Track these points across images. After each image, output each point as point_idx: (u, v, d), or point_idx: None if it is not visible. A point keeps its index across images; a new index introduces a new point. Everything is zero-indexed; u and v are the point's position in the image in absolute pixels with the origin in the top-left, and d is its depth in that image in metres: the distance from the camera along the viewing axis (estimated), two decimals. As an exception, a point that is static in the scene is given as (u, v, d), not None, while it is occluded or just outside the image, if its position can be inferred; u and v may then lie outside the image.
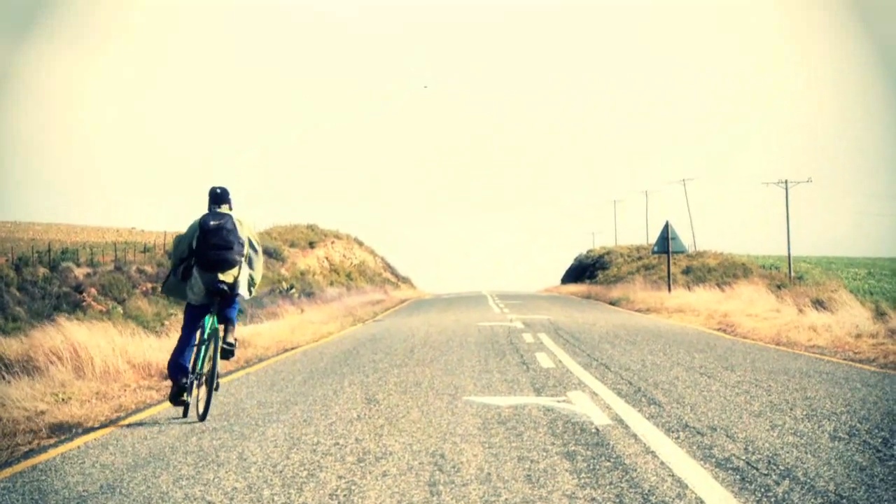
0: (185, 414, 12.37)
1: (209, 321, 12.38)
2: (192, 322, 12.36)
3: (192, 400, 12.24)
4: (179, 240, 12.46)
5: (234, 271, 12.26)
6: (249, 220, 12.79)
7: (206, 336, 12.37)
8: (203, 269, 12.15)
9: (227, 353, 12.34)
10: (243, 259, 12.34)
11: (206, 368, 12.34)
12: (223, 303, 12.40)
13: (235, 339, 12.55)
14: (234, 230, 12.23)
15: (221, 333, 12.46)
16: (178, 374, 12.07)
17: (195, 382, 12.22)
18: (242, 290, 12.41)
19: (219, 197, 12.54)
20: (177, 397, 12.16)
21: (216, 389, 12.39)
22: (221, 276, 12.17)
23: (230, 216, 12.35)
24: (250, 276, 12.58)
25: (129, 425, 12.04)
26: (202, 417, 12.12)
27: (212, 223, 12.18)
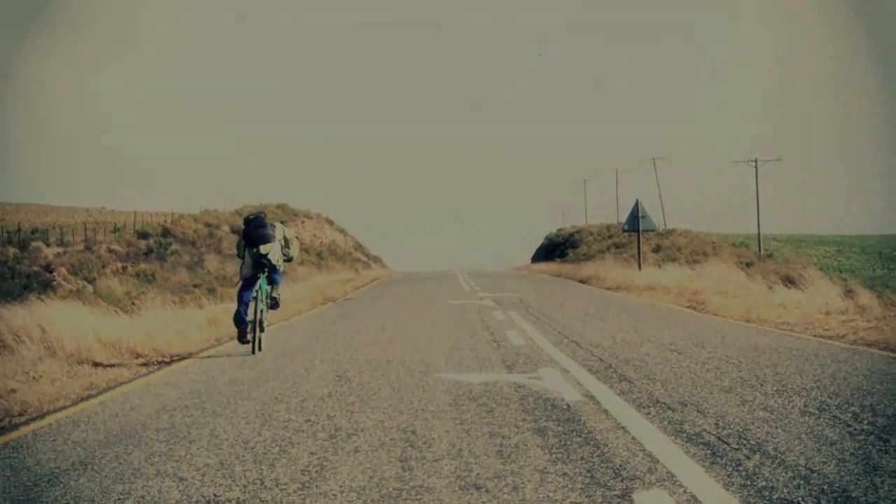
0: (253, 350, 16.76)
1: (261, 284, 16.83)
2: (245, 287, 16.77)
3: (252, 339, 16.73)
4: (238, 240, 17.25)
5: (270, 246, 16.78)
6: (281, 226, 17.54)
7: (259, 295, 16.78)
8: (250, 246, 16.75)
9: (274, 305, 17.40)
10: (276, 241, 16.87)
11: (261, 317, 16.88)
12: (268, 270, 16.93)
13: (279, 295, 17.55)
14: (267, 223, 16.91)
15: (271, 293, 17.23)
16: (240, 322, 16.60)
17: (254, 327, 16.74)
18: (278, 262, 17.01)
19: (258, 214, 17.23)
20: (242, 338, 16.70)
21: (262, 331, 17.00)
22: (263, 250, 16.71)
23: (263, 214, 17.18)
24: (285, 253, 17.28)
25: (100, 403, 12.01)
26: (260, 349, 16.91)
27: (250, 216, 17.04)
